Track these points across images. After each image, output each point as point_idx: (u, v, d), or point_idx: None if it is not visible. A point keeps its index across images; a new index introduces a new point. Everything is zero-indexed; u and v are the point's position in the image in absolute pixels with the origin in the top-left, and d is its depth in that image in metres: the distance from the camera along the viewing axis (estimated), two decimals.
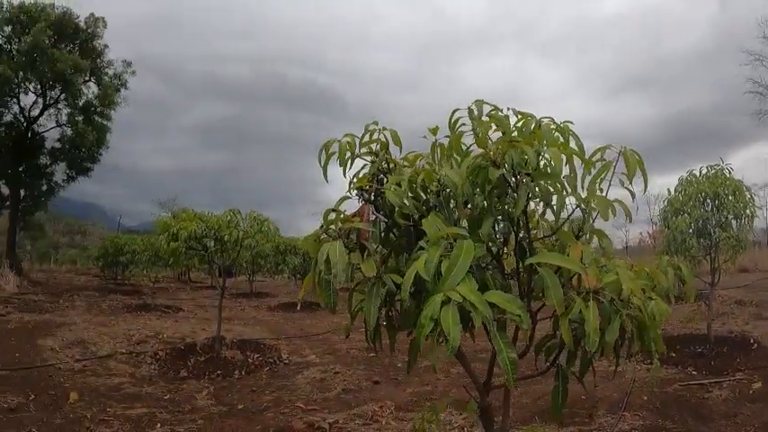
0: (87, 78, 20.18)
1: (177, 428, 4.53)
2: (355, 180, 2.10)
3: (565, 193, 1.79)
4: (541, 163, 1.71)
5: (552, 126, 1.82)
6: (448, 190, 1.89)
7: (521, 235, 1.90)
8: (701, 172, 6.69)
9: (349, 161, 2.14)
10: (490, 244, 1.89)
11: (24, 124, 20.02)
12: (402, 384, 5.96)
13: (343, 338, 8.55)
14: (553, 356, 1.96)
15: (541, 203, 1.88)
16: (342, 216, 1.95)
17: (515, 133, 1.83)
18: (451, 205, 1.90)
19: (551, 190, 1.78)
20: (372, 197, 2.00)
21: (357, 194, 2.05)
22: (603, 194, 1.82)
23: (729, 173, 6.48)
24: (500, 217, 1.88)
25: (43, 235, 32.44)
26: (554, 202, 1.81)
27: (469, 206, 1.87)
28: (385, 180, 2.02)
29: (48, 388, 5.65)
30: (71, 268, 31.57)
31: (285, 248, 14.90)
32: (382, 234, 1.98)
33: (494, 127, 1.89)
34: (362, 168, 2.18)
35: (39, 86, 19.58)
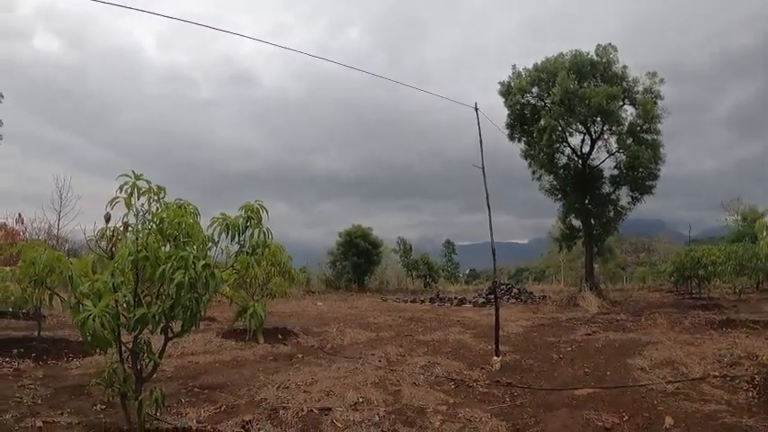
0: (622, 103, 20.50)
1: None
2: None
3: None
4: None
5: None
6: None
7: None
8: None
9: None
10: None
11: (580, 162, 22.14)
12: None
13: None
14: None
15: None
16: None
17: None
18: None
19: None
20: None
21: None
22: None
23: None
24: None
25: (613, 257, 34.68)
26: None
27: None
28: None
29: (641, 409, 5.67)
30: (641, 286, 32.25)
31: None
32: None
33: None
34: None
35: (581, 126, 21.28)
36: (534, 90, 21.55)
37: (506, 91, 21.91)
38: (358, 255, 30.19)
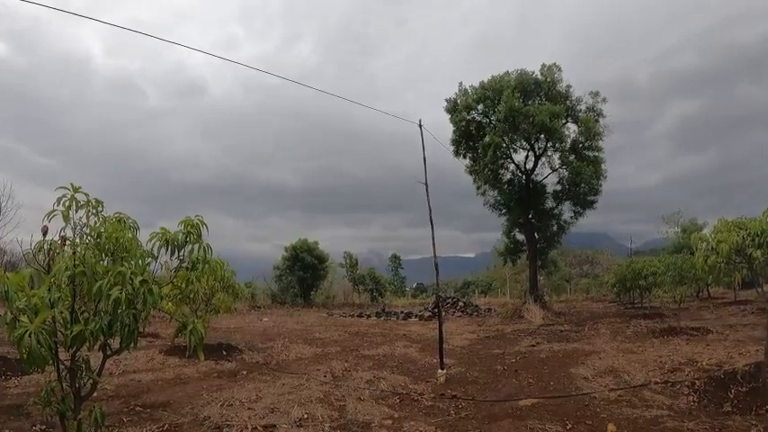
0: (565, 121, 21.01)
1: None
2: None
3: None
4: None
5: None
6: None
7: None
8: None
9: None
10: None
11: (524, 178, 22.47)
12: None
13: None
14: None
15: None
16: None
17: None
18: None
19: None
20: None
21: None
22: None
23: None
24: None
25: (557, 269, 35.61)
26: None
27: None
28: None
29: (584, 417, 5.70)
30: (585, 297, 33.16)
31: None
32: None
33: None
34: None
35: (525, 142, 21.66)
36: (480, 107, 21.84)
37: (452, 108, 22.15)
38: (303, 269, 29.71)
